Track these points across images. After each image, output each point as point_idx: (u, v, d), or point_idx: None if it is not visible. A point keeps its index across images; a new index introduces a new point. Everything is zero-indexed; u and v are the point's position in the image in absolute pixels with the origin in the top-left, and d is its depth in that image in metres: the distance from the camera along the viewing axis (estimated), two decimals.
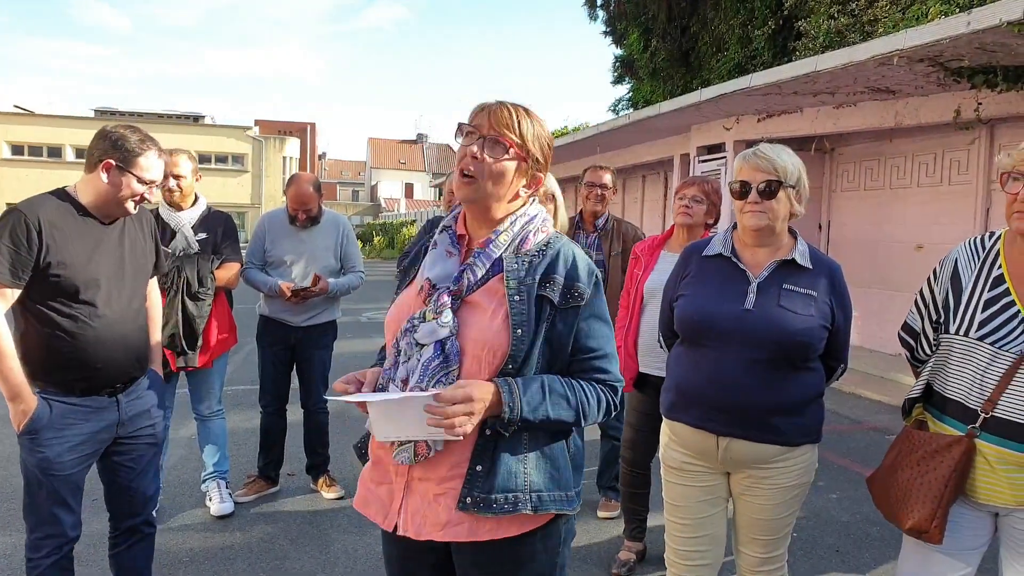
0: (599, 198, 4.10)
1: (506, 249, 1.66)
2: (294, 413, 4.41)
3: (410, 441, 1.60)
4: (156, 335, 2.88)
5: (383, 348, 1.86)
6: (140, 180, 2.48)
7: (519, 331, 1.58)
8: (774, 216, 2.22)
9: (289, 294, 4.02)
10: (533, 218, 1.71)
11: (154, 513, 2.85)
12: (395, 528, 1.66)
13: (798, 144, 9.68)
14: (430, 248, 1.76)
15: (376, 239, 33.68)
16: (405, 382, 1.61)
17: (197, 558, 3.54)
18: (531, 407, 1.56)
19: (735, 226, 2.40)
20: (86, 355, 2.43)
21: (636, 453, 3.52)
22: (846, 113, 8.73)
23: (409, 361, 1.61)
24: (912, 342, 2.28)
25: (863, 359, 8.25)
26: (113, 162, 2.44)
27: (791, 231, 2.35)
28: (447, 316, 1.59)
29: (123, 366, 2.55)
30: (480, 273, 1.64)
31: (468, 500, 1.59)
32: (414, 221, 33.50)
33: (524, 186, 1.70)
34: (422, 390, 1.56)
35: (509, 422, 1.56)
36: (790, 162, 2.23)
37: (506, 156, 1.63)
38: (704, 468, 2.37)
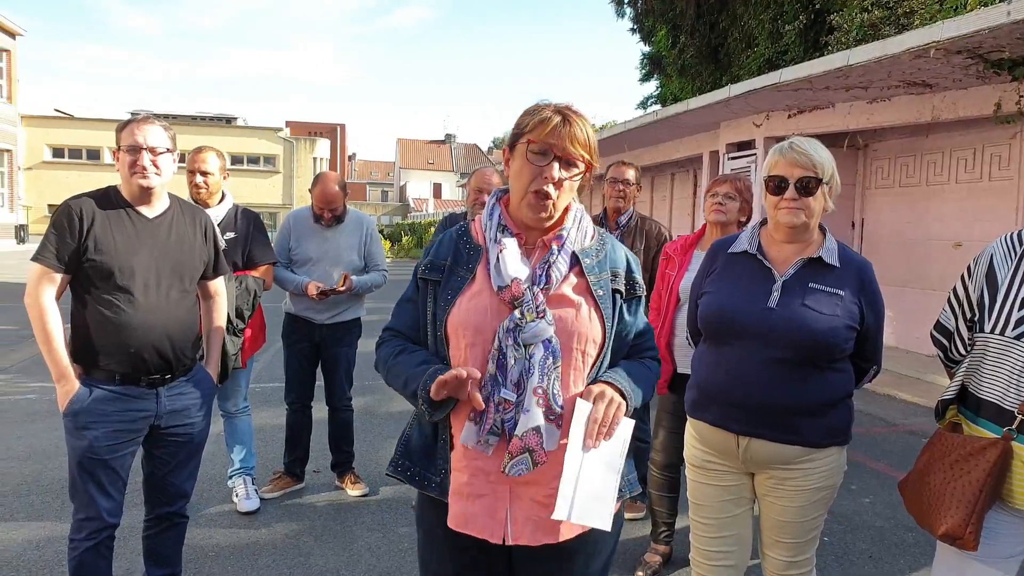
0: (621, 194, 4.06)
1: (575, 244, 1.71)
2: (320, 411, 4.42)
3: (525, 452, 1.57)
4: (214, 337, 2.95)
5: (391, 345, 1.83)
6: (127, 149, 2.58)
7: (608, 323, 1.68)
8: (810, 213, 2.17)
9: (316, 293, 4.03)
10: (583, 214, 1.77)
11: None
12: (503, 540, 1.63)
13: (830, 140, 9.51)
14: (492, 248, 1.70)
15: (404, 239, 33.85)
16: (518, 385, 1.60)
17: (223, 553, 3.56)
18: (636, 395, 1.68)
19: (763, 222, 2.35)
20: (119, 339, 2.53)
21: (668, 456, 3.46)
22: (880, 108, 8.55)
23: (518, 362, 1.60)
24: (945, 342, 2.21)
25: (898, 360, 8.08)
26: (117, 146, 2.63)
27: (821, 227, 2.29)
28: (550, 314, 1.61)
29: (160, 354, 2.61)
30: (564, 269, 1.67)
31: None
32: None
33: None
34: (543, 391, 1.58)
35: (627, 412, 1.65)
36: (826, 157, 2.18)
37: (579, 172, 1.66)
38: (727, 468, 2.33)
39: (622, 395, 1.62)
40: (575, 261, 1.69)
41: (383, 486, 4.46)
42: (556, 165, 1.61)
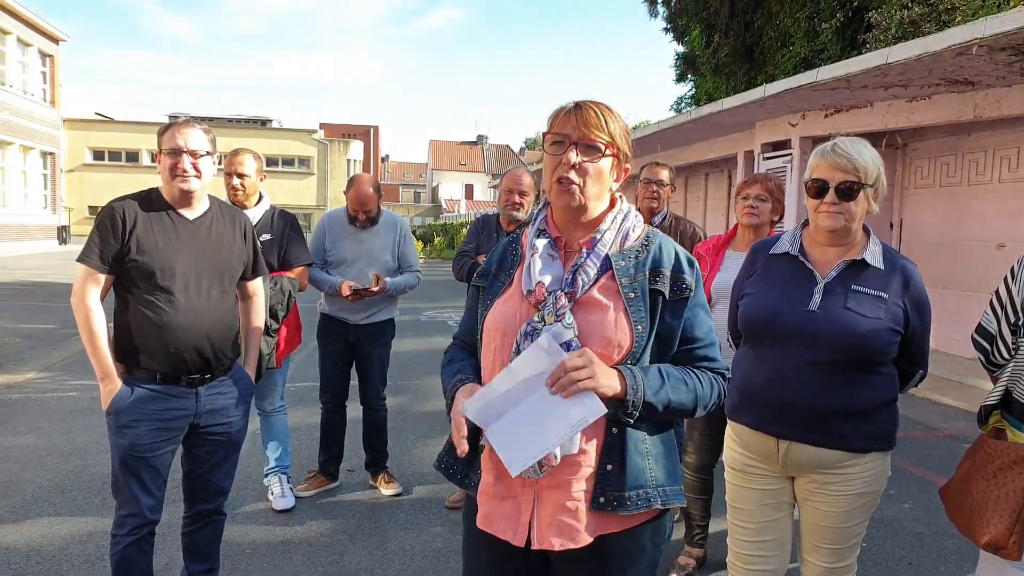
0: (654, 195, 4.04)
1: (611, 247, 1.67)
2: (354, 410, 4.46)
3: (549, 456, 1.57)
4: (252, 337, 2.99)
5: (452, 354, 1.85)
6: (168, 152, 2.63)
7: (639, 327, 1.61)
8: (851, 217, 2.15)
9: (349, 293, 4.07)
10: (628, 214, 1.73)
11: None
12: (527, 543, 1.62)
13: (869, 140, 9.33)
14: (527, 253, 1.72)
15: (436, 239, 34.01)
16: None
17: (259, 550, 3.61)
18: (653, 390, 1.57)
19: (805, 223, 2.32)
20: (159, 338, 2.58)
21: (700, 458, 3.44)
22: (920, 106, 8.39)
23: None
24: (987, 345, 2.16)
25: (939, 363, 7.91)
26: (158, 150, 2.67)
27: (865, 229, 2.25)
28: (570, 318, 1.59)
29: (199, 354, 2.65)
30: (592, 273, 1.64)
31: (602, 499, 1.59)
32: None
33: (614, 180, 1.71)
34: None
35: (633, 406, 1.55)
36: (870, 159, 2.14)
37: (600, 156, 1.64)
38: (766, 471, 2.30)
39: (623, 381, 1.54)
40: (609, 264, 1.66)
41: (416, 485, 4.49)
42: (573, 150, 1.62)
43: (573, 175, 1.62)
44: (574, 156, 1.62)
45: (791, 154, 10.14)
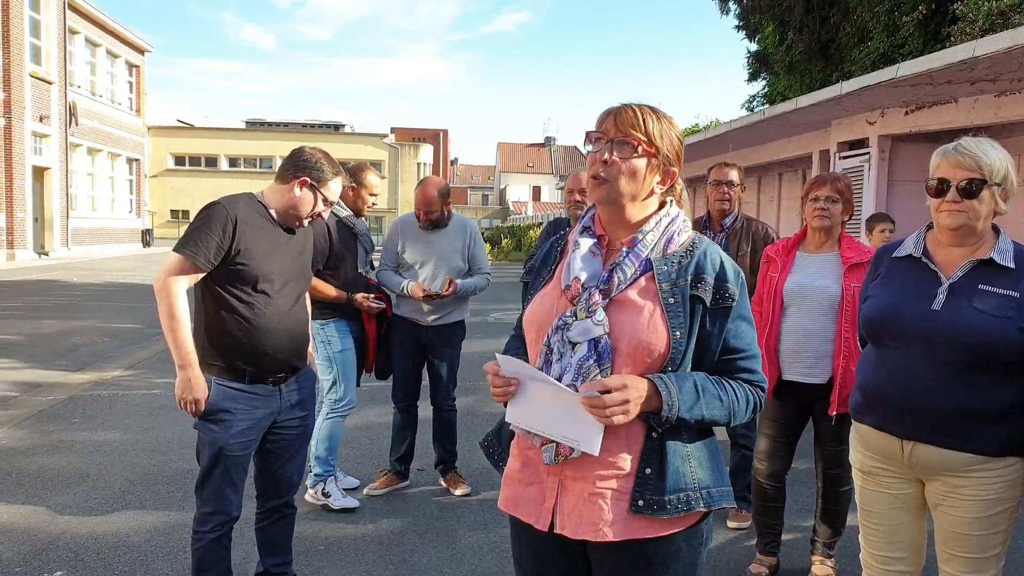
0: (724, 197, 3.97)
1: (652, 249, 1.66)
2: (425, 410, 4.52)
3: (552, 443, 1.62)
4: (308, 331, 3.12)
5: (509, 345, 1.91)
6: (324, 200, 2.79)
7: (678, 333, 1.59)
8: (975, 216, 2.09)
9: (421, 295, 4.16)
10: (675, 218, 1.72)
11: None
12: (551, 527, 1.66)
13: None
14: (571, 249, 1.74)
15: (504, 241, 34.10)
16: (559, 380, 1.62)
17: (331, 547, 3.70)
18: (687, 406, 1.56)
19: (930, 226, 2.28)
20: (256, 340, 2.68)
21: (771, 465, 3.36)
22: (1010, 101, 7.99)
23: (562, 359, 1.62)
24: None
25: None
26: (309, 180, 2.75)
27: (995, 228, 2.18)
28: (601, 315, 1.60)
29: (286, 355, 2.78)
30: (630, 272, 1.64)
31: (641, 503, 1.60)
32: (541, 224, 33.52)
33: (658, 183, 1.70)
34: (575, 390, 1.57)
35: (667, 421, 1.56)
36: (996, 158, 2.08)
37: (635, 154, 1.64)
38: (893, 474, 2.26)
39: (659, 397, 1.54)
40: (649, 266, 1.66)
41: (485, 486, 4.51)
42: (607, 147, 1.65)
43: (603, 171, 1.64)
44: (606, 153, 1.64)
45: (869, 153, 9.80)
